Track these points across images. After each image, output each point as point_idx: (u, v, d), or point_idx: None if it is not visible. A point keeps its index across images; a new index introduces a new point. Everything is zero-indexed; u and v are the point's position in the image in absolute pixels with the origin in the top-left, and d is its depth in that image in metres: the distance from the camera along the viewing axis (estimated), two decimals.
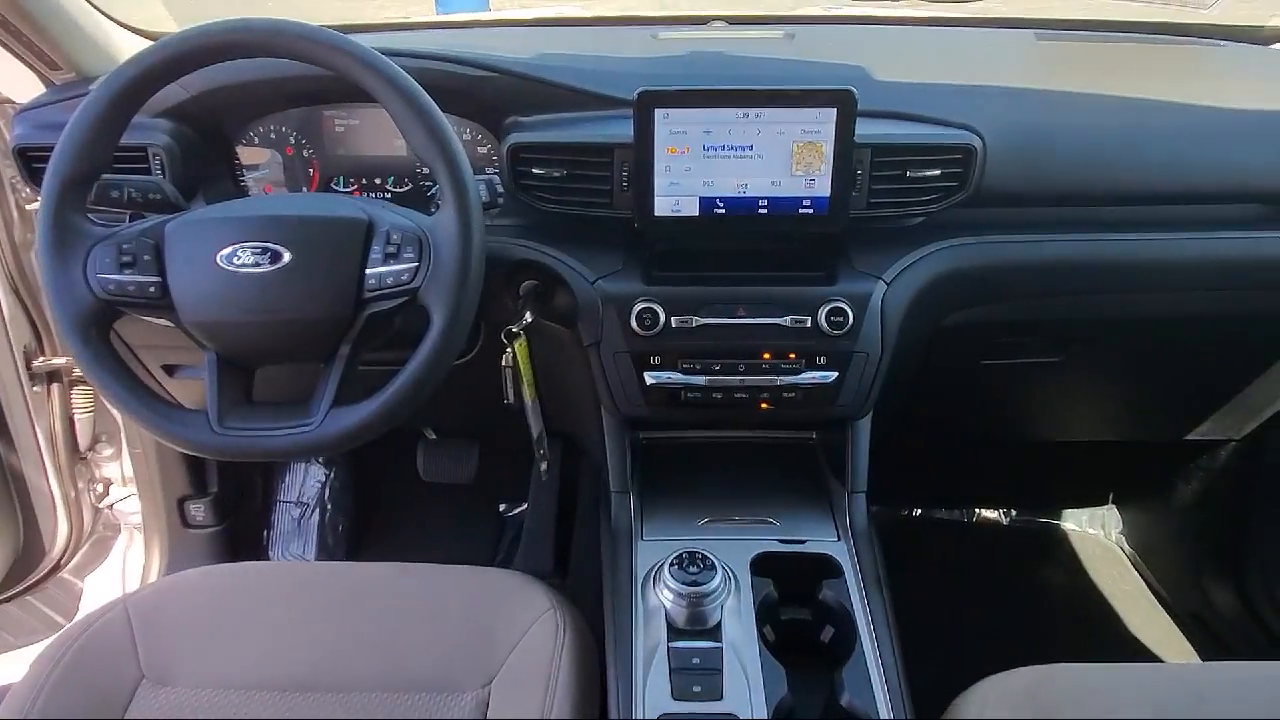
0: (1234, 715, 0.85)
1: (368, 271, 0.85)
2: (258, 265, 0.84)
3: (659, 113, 0.96)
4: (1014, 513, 1.95)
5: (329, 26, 0.86)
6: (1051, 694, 0.88)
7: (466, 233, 0.84)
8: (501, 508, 1.90)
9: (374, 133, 1.16)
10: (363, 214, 0.87)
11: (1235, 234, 1.11)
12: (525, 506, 1.81)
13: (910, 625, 1.48)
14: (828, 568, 1.01)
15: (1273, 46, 1.30)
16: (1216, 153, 1.08)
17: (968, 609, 1.67)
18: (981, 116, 1.04)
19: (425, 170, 1.15)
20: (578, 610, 1.02)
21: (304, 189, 1.19)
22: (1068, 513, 1.94)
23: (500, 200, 1.04)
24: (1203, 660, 1.58)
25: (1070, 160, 1.07)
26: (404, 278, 0.85)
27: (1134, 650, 1.60)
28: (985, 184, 1.04)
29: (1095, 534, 1.92)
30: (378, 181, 1.18)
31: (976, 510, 1.96)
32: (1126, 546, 1.87)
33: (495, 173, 1.12)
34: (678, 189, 1.00)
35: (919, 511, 1.96)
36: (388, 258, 0.85)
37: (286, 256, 0.84)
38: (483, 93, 1.07)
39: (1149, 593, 1.75)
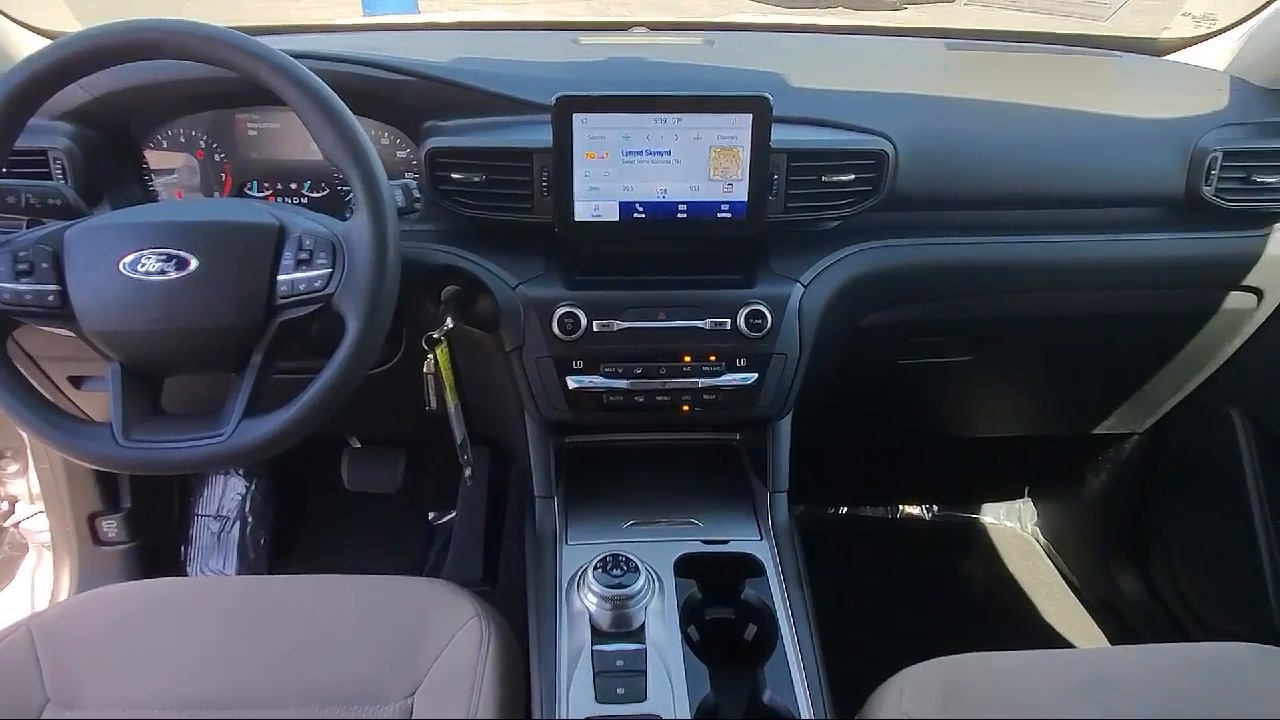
0: (1130, 694, 0.89)
1: (279, 278, 0.84)
2: (163, 273, 0.82)
3: (577, 118, 0.96)
4: (936, 509, 2.01)
5: (247, 28, 0.84)
6: (964, 682, 0.91)
7: (381, 238, 0.83)
8: (430, 516, 1.88)
9: (289, 136, 1.13)
10: (274, 219, 0.85)
11: (1130, 236, 1.17)
12: (454, 514, 1.79)
13: (835, 621, 1.51)
14: (750, 567, 1.03)
15: (1165, 58, 1.37)
16: (1111, 158, 1.13)
17: (892, 603, 1.71)
18: (893, 123, 1.07)
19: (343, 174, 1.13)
20: (503, 617, 1.02)
21: (216, 194, 1.16)
22: (987, 507, 2.01)
23: (418, 205, 1.03)
24: (1111, 644, 1.64)
25: (977, 165, 1.11)
26: (317, 284, 0.83)
27: (1048, 637, 1.66)
28: (897, 188, 1.07)
29: (1012, 527, 1.98)
30: (294, 186, 1.15)
31: (900, 507, 2.01)
32: (1042, 538, 1.94)
33: (414, 177, 1.11)
34: (598, 194, 1.00)
35: (845, 510, 2.00)
36: (300, 264, 0.84)
37: (193, 263, 0.82)
38: (400, 96, 1.06)
39: (1062, 581, 1.82)
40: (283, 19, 1.65)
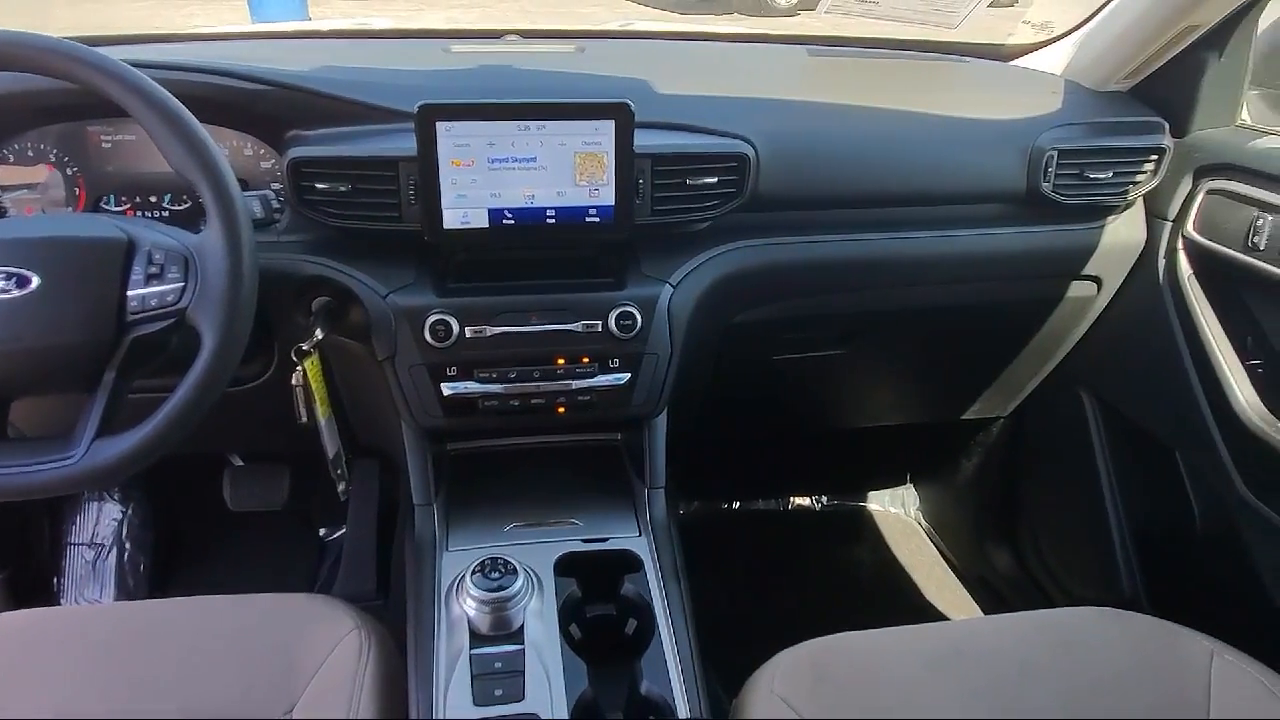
0: (986, 662, 0.94)
1: (129, 293, 0.82)
2: (4, 291, 0.79)
3: (441, 126, 0.96)
4: (825, 499, 2.08)
5: (92, 38, 0.82)
6: (833, 661, 0.95)
7: (235, 250, 0.82)
8: (322, 532, 1.84)
9: (146, 148, 1.10)
10: (121, 233, 0.83)
11: (981, 231, 1.24)
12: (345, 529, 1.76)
13: (727, 612, 1.55)
14: (630, 563, 1.05)
15: (1011, 63, 1.46)
16: (961, 157, 1.20)
17: (782, 592, 1.76)
18: (754, 126, 1.11)
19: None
20: (385, 628, 1.01)
21: (70, 209, 1.11)
22: (872, 494, 2.09)
23: (277, 216, 1.02)
24: (985, 616, 1.73)
25: (835, 166, 1.16)
26: (169, 298, 0.81)
27: (928, 614, 1.74)
28: (760, 189, 1.11)
29: (896, 512, 2.07)
30: (153, 199, 1.12)
31: (791, 499, 2.07)
32: (923, 521, 2.03)
33: (278, 188, 1.09)
34: (465, 201, 1.01)
35: (737, 505, 2.05)
36: (150, 278, 0.82)
37: (35, 281, 0.79)
38: (260, 106, 1.04)
39: (942, 561, 1.91)
40: (165, 27, 1.60)
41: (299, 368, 1.05)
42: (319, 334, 1.03)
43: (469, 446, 1.21)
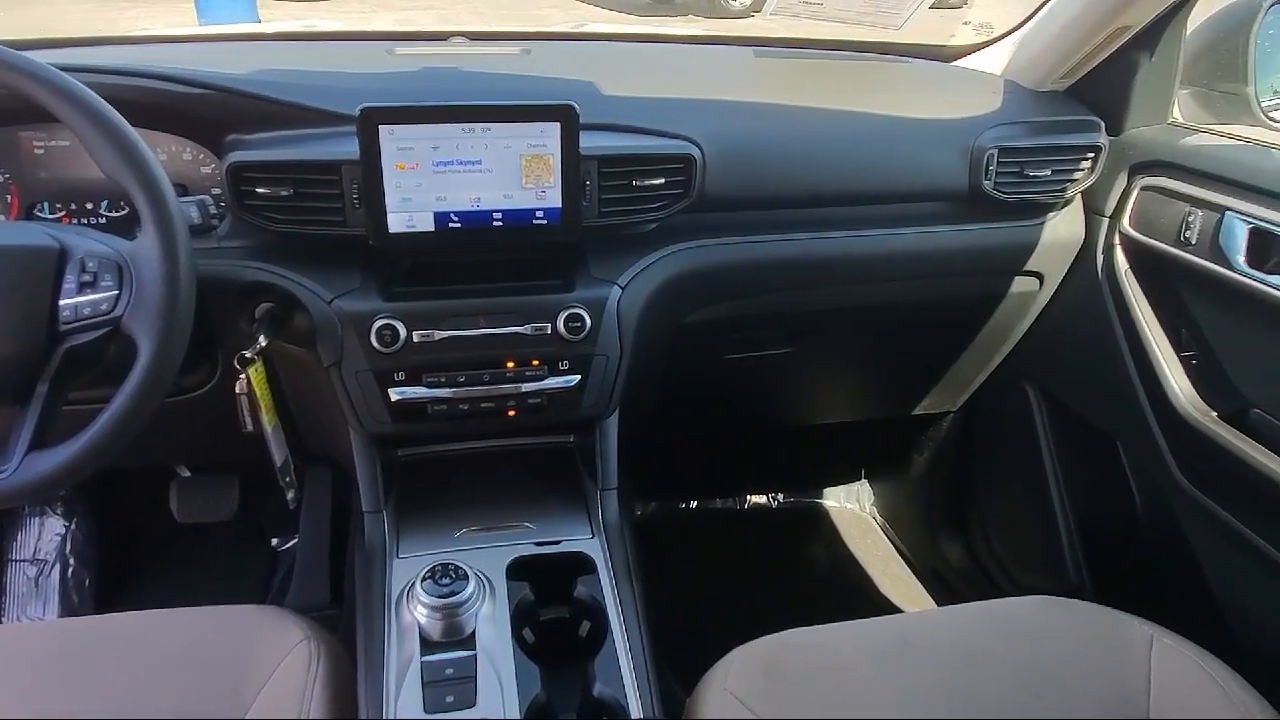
0: (933, 653, 0.96)
1: (62, 303, 0.80)
2: None
3: (384, 129, 0.95)
4: (781, 497, 2.10)
5: (20, 41, 0.80)
6: (786, 657, 0.96)
7: (170, 256, 0.80)
8: (274, 542, 1.81)
9: (82, 154, 1.07)
10: (52, 241, 0.81)
11: (926, 229, 1.26)
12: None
13: (684, 611, 1.55)
14: (583, 565, 1.05)
15: (953, 64, 1.48)
16: (904, 156, 1.22)
17: (740, 590, 1.77)
18: (700, 128, 1.11)
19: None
20: (337, 638, 1.00)
21: (2, 217, 1.08)
22: (828, 491, 2.11)
23: (216, 221, 1.00)
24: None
25: (781, 166, 1.17)
26: (103, 307, 0.80)
27: (882, 608, 1.76)
28: (707, 190, 1.11)
29: (852, 508, 2.09)
30: (89, 206, 1.10)
31: (748, 498, 2.09)
32: (878, 516, 2.06)
33: (219, 193, 1.07)
34: (410, 204, 1.00)
35: (695, 504, 2.06)
36: (83, 287, 0.80)
37: None
38: (198, 110, 1.03)
39: (897, 555, 1.93)
40: (110, 29, 1.57)
41: (242, 376, 1.03)
42: (263, 341, 1.02)
43: (420, 452, 1.20)
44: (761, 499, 2.10)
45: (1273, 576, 1.06)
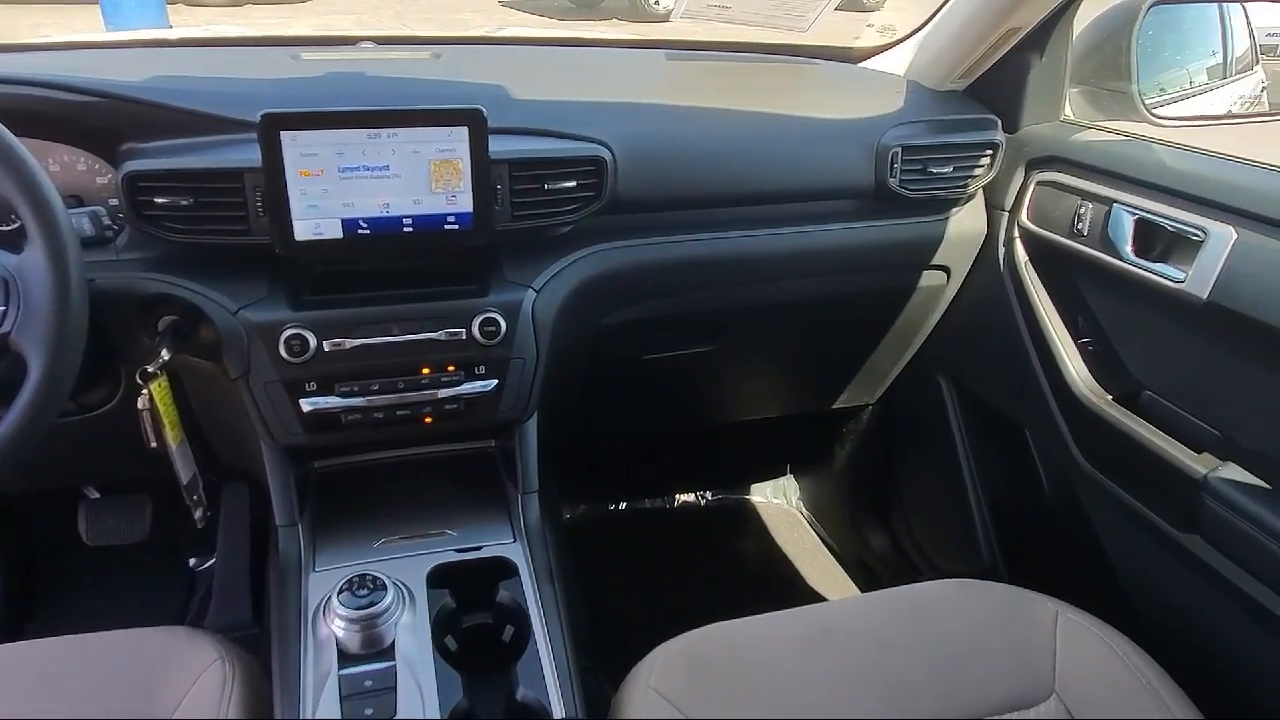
0: (849, 640, 0.98)
1: None
2: None
3: (286, 135, 0.94)
4: (708, 494, 2.12)
5: None
6: (709, 651, 0.97)
7: (59, 269, 0.78)
8: (192, 562, 1.76)
9: None
10: None
11: (837, 226, 1.29)
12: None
13: (615, 612, 1.56)
14: (505, 569, 1.05)
15: (860, 65, 1.52)
16: (812, 155, 1.25)
17: (669, 588, 1.79)
18: (611, 130, 1.12)
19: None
20: (255, 657, 0.98)
21: None
22: (755, 487, 2.14)
23: (111, 233, 0.97)
24: None
25: (692, 167, 1.19)
26: None
27: (809, 599, 1.79)
28: (620, 192, 1.12)
29: (779, 503, 2.12)
30: None
31: (677, 496, 2.10)
32: (804, 509, 2.09)
33: (116, 204, 1.04)
34: (317, 211, 0.98)
35: (624, 505, 2.07)
36: None
37: None
38: (90, 119, 0.99)
39: (823, 547, 1.97)
40: (11, 37, 1.50)
41: (144, 391, 1.00)
42: (165, 355, 0.99)
43: (337, 463, 1.18)
44: (690, 497, 2.12)
45: (1164, 549, 1.11)
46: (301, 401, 1.02)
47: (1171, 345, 1.14)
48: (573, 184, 1.08)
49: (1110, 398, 1.20)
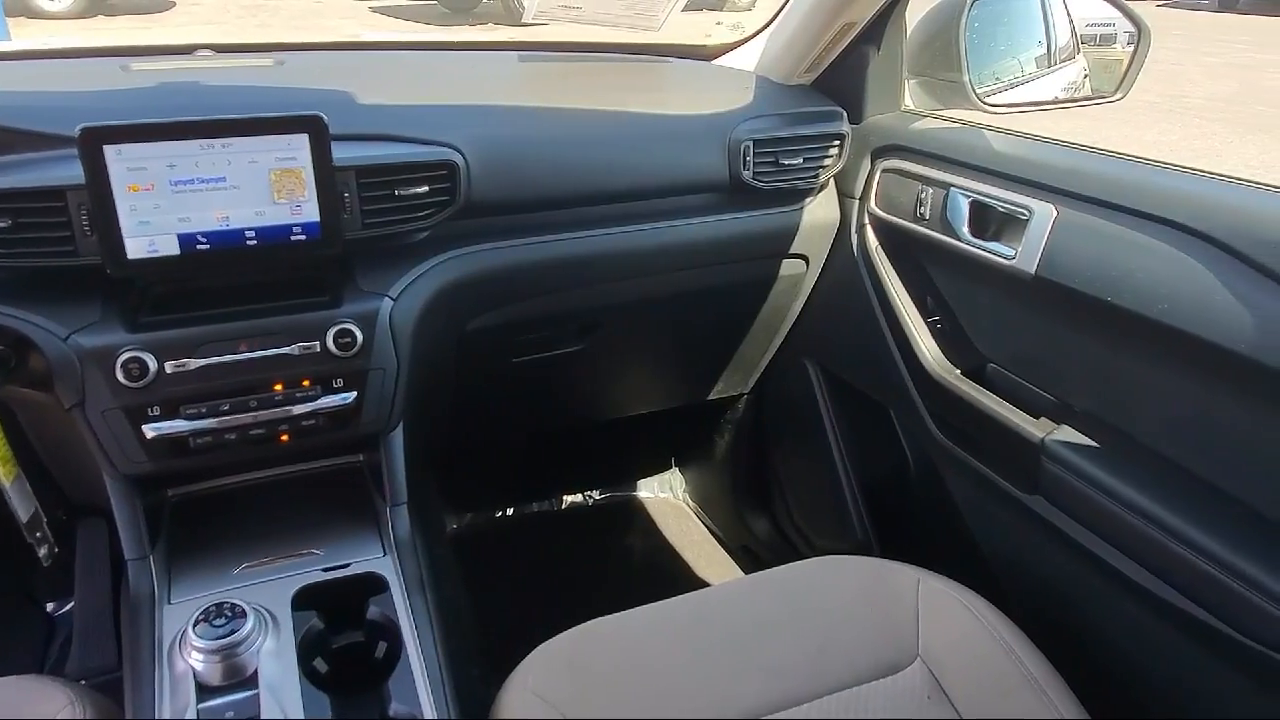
0: (725, 624, 1.00)
1: None
2: None
3: (110, 149, 0.89)
4: (595, 493, 2.12)
5: None
6: (588, 648, 0.98)
7: None
8: (50, 607, 1.65)
9: None
10: None
11: (696, 220, 1.31)
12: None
13: (503, 619, 1.54)
14: (375, 585, 1.02)
15: (713, 62, 1.55)
16: (667, 152, 1.26)
17: (558, 590, 1.78)
18: (462, 134, 1.11)
19: None
20: (111, 700, 0.93)
21: None
22: (641, 482, 2.15)
23: None
24: None
25: (547, 167, 1.19)
26: None
27: (697, 588, 1.82)
28: (475, 196, 1.11)
29: (666, 496, 2.15)
30: None
31: (562, 498, 2.10)
32: (690, 501, 2.12)
33: None
34: (150, 228, 0.94)
35: (510, 511, 2.05)
36: None
37: None
38: None
39: (710, 537, 2.00)
40: None
41: None
42: None
43: (194, 489, 1.13)
44: (578, 498, 2.12)
45: (1012, 511, 1.18)
46: (145, 427, 0.97)
47: (1008, 319, 1.20)
48: (425, 189, 1.07)
49: (959, 372, 1.26)
